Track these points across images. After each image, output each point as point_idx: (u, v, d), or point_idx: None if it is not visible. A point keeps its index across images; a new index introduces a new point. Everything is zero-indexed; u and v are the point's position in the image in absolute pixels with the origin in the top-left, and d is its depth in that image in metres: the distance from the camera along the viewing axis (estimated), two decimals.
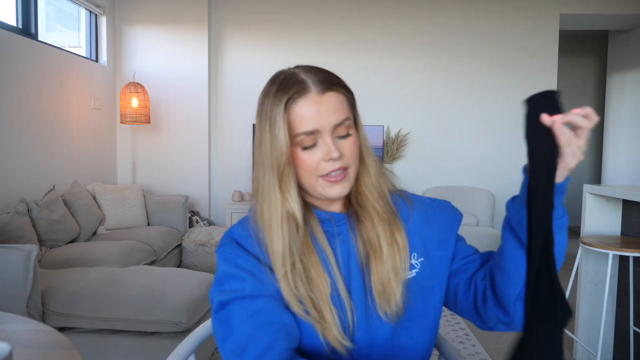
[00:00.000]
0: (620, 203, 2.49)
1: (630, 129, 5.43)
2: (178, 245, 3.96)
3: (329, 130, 0.76)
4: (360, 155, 0.83)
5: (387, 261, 0.81)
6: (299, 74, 0.79)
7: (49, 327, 1.04)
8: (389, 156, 4.64)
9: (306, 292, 0.77)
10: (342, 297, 0.80)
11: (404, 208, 0.88)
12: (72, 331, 2.20)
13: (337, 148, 0.76)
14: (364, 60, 4.69)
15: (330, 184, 0.78)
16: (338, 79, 0.81)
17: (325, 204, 0.85)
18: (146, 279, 2.35)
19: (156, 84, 4.55)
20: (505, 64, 4.68)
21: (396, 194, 0.89)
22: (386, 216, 0.83)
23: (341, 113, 0.77)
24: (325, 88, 0.77)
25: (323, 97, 0.76)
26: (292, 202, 0.78)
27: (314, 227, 0.82)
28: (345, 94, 0.80)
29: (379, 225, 0.81)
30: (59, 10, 4.36)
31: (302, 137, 0.76)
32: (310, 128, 0.76)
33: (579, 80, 6.60)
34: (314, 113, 0.75)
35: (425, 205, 0.90)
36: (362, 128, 0.85)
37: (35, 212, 2.99)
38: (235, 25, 4.70)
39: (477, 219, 4.48)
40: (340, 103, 0.78)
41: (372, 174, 0.84)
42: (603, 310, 2.11)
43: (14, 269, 2.01)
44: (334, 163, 0.77)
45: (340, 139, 0.78)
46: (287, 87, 0.77)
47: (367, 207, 0.83)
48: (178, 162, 4.65)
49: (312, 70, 0.80)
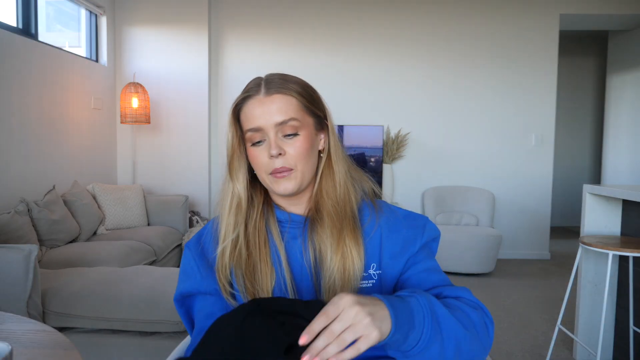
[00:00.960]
0: (620, 203, 2.49)
1: (630, 129, 5.43)
2: (178, 245, 3.96)
3: (272, 127, 0.84)
4: (328, 160, 0.89)
5: (332, 267, 0.83)
6: (260, 79, 0.88)
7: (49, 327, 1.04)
8: (389, 156, 4.64)
9: (248, 280, 0.84)
10: (287, 291, 0.84)
11: (372, 218, 0.89)
12: (72, 331, 2.20)
13: (277, 145, 0.84)
14: (364, 60, 4.69)
15: (277, 180, 0.85)
16: (296, 84, 0.87)
17: (287, 204, 0.90)
18: (146, 279, 2.35)
19: (156, 84, 4.55)
20: (505, 64, 4.68)
21: (369, 203, 0.91)
22: (339, 222, 0.85)
23: (285, 113, 0.84)
24: (273, 91, 0.85)
25: (268, 98, 0.84)
26: (239, 186, 0.88)
27: (272, 225, 0.89)
28: (296, 98, 0.86)
29: (328, 231, 0.85)
30: (59, 10, 4.36)
31: (250, 134, 0.85)
32: (255, 125, 0.84)
33: (579, 80, 6.60)
34: (259, 112, 0.84)
35: (394, 217, 0.91)
36: (333, 136, 0.90)
37: (36, 212, 2.99)
38: (235, 25, 4.70)
39: (477, 219, 4.48)
40: (286, 105, 0.84)
41: (337, 180, 0.88)
42: (603, 310, 2.11)
43: (14, 269, 2.01)
44: (276, 161, 0.84)
45: (287, 138, 0.85)
46: (244, 90, 0.88)
47: (322, 212, 0.87)
48: (178, 162, 4.65)
49: (272, 77, 0.88)
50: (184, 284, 0.90)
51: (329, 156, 0.90)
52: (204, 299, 0.88)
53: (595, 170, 6.65)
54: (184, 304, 0.90)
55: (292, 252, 0.87)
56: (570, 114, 6.59)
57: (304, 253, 0.86)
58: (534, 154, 4.69)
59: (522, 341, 2.79)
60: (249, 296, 0.84)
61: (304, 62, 4.66)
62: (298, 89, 0.87)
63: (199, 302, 0.88)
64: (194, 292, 0.89)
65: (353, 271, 0.83)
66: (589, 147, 6.70)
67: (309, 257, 0.86)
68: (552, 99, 4.66)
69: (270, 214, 0.90)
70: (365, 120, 4.69)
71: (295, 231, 0.89)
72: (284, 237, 0.88)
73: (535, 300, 3.51)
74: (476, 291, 3.72)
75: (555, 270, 4.35)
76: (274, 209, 0.91)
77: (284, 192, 0.85)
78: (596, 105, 6.63)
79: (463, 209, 4.55)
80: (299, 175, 0.85)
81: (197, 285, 0.88)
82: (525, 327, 2.99)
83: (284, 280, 0.85)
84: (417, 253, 0.88)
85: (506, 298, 3.57)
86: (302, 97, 0.87)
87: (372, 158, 4.57)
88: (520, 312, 3.26)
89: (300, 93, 0.86)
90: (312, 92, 0.90)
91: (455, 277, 4.08)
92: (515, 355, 2.59)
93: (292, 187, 0.85)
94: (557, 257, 4.82)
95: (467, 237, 4.04)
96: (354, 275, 0.83)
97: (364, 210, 0.91)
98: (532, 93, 4.67)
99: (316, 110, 0.89)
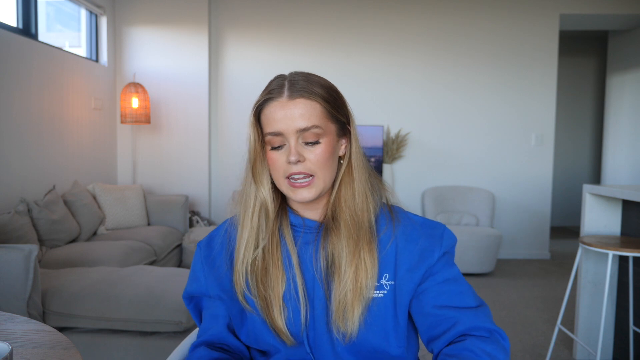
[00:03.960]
0: (620, 203, 2.49)
1: (630, 129, 5.43)
2: (178, 245, 3.96)
3: (293, 133, 0.81)
4: (349, 167, 0.86)
5: (345, 279, 0.82)
6: (283, 79, 0.84)
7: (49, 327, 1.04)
8: (389, 156, 4.64)
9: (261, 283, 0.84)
10: (299, 297, 0.84)
11: (389, 228, 0.87)
12: (72, 331, 2.20)
13: (297, 152, 0.81)
14: (364, 60, 4.69)
15: (294, 188, 0.82)
16: (321, 88, 0.83)
17: (302, 209, 0.88)
18: (146, 279, 2.35)
19: (156, 84, 4.56)
20: (505, 64, 4.68)
21: (386, 211, 0.89)
22: (356, 234, 0.83)
23: (308, 120, 0.81)
24: (296, 94, 0.81)
25: (291, 102, 0.81)
26: (264, 192, 0.85)
27: (285, 229, 0.87)
28: (321, 104, 0.82)
29: (344, 241, 0.83)
30: (59, 10, 4.36)
31: (270, 138, 0.82)
32: (276, 129, 0.81)
33: (579, 80, 6.60)
34: (280, 116, 0.81)
35: (411, 227, 0.88)
36: (356, 142, 0.87)
37: (36, 212, 2.99)
38: (235, 25, 4.70)
39: (477, 219, 4.48)
40: (309, 110, 0.81)
41: (356, 189, 0.86)
42: (603, 310, 2.11)
43: (14, 269, 2.02)
44: (294, 166, 0.81)
45: (308, 146, 0.82)
46: (266, 90, 0.84)
47: (339, 220, 0.85)
48: (178, 162, 4.65)
49: (296, 77, 0.84)
50: (191, 285, 0.93)
51: (350, 163, 0.87)
52: (209, 301, 0.92)
53: (595, 170, 6.65)
54: (192, 301, 0.95)
55: (304, 258, 0.86)
56: (570, 114, 6.59)
57: (316, 260, 0.85)
58: (534, 153, 4.69)
59: (522, 341, 2.79)
60: (260, 300, 0.84)
61: (304, 62, 4.66)
62: (323, 94, 0.83)
63: (206, 302, 0.93)
64: (199, 294, 0.93)
65: (365, 283, 0.82)
66: (589, 147, 6.70)
67: (321, 264, 0.85)
68: (552, 99, 4.66)
69: (284, 218, 0.88)
70: (365, 120, 4.69)
71: (308, 236, 0.87)
72: (297, 242, 0.87)
73: (535, 300, 3.51)
74: (476, 291, 3.72)
75: (555, 270, 4.35)
76: (287, 213, 0.89)
77: (302, 200, 0.83)
78: (596, 105, 6.63)
79: (463, 209, 4.55)
80: (319, 183, 0.83)
81: (201, 288, 0.92)
82: (525, 327, 2.99)
83: (295, 285, 0.84)
84: (435, 264, 0.86)
85: (506, 298, 3.57)
86: (327, 102, 0.83)
87: (372, 158, 4.57)
88: (520, 312, 3.26)
89: (325, 98, 0.83)
90: (337, 96, 0.86)
91: None
92: (515, 355, 2.60)
93: (310, 196, 0.83)
94: (557, 257, 4.82)
95: (467, 237, 4.04)
96: (366, 287, 0.82)
97: (381, 219, 0.88)
98: (532, 93, 4.67)
99: (340, 117, 0.86)
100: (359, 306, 0.81)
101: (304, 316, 0.84)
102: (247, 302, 0.86)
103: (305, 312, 0.84)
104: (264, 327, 0.85)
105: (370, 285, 0.83)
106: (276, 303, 0.83)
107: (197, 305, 0.95)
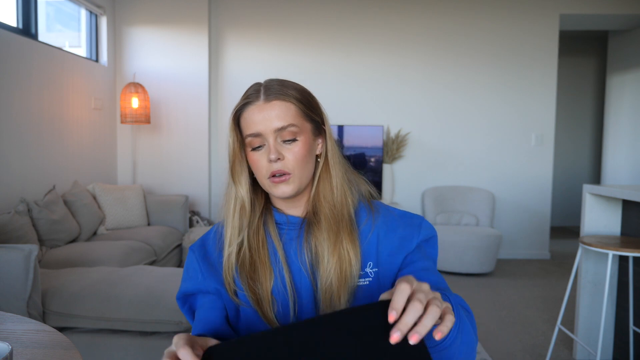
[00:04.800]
0: (620, 203, 2.49)
1: (630, 129, 5.43)
2: (178, 245, 3.96)
3: (271, 133, 0.87)
4: (325, 164, 0.93)
5: (329, 268, 0.87)
6: (259, 85, 0.91)
7: (49, 327, 1.04)
8: (389, 156, 4.64)
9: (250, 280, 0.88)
10: (287, 290, 0.88)
11: (369, 219, 0.93)
12: (72, 331, 2.20)
13: (276, 150, 0.86)
14: (364, 60, 4.69)
15: (275, 184, 0.88)
16: (295, 90, 0.90)
17: (286, 207, 0.94)
18: (146, 279, 2.35)
19: (156, 84, 4.56)
20: (505, 64, 4.68)
21: (366, 204, 0.95)
22: (336, 226, 0.89)
23: (284, 119, 0.87)
24: (272, 97, 0.87)
25: (268, 104, 0.87)
26: (242, 191, 0.91)
27: (270, 227, 0.93)
28: (295, 104, 0.89)
29: (325, 234, 0.88)
30: (59, 10, 4.36)
31: (250, 139, 0.88)
32: (255, 131, 0.87)
33: (579, 81, 6.60)
34: (258, 119, 0.87)
35: (390, 217, 0.94)
36: (330, 140, 0.94)
37: (36, 212, 2.99)
38: (235, 25, 4.70)
39: (477, 219, 4.48)
40: (285, 111, 0.87)
41: (334, 184, 0.92)
42: (603, 310, 2.11)
43: (14, 269, 2.02)
44: (275, 164, 0.87)
45: (285, 143, 0.87)
46: (244, 96, 0.90)
47: (319, 215, 0.90)
48: (178, 162, 4.65)
49: (271, 82, 0.91)
50: (187, 283, 0.95)
51: (326, 161, 0.93)
52: (204, 296, 0.94)
53: (595, 170, 6.65)
54: (187, 302, 0.96)
55: (290, 253, 0.91)
56: (570, 114, 6.59)
57: (300, 253, 0.90)
58: (534, 153, 4.69)
59: (522, 341, 2.79)
60: (251, 294, 0.88)
61: (304, 62, 4.66)
62: (297, 95, 0.89)
63: (200, 300, 0.95)
64: (195, 291, 0.94)
65: (350, 272, 0.87)
66: (589, 147, 6.70)
67: (305, 258, 0.90)
68: (552, 99, 4.66)
69: (269, 217, 0.94)
70: (365, 120, 4.69)
71: (292, 232, 0.92)
72: (282, 238, 0.92)
73: (535, 300, 3.51)
74: (476, 291, 3.72)
75: (555, 270, 4.35)
76: (272, 212, 0.94)
77: (282, 195, 0.88)
78: (596, 105, 6.63)
79: (463, 209, 4.55)
80: (296, 180, 0.88)
81: (199, 285, 0.93)
82: (525, 327, 2.99)
83: (283, 280, 0.88)
84: (414, 251, 0.91)
85: (506, 298, 3.57)
86: (301, 103, 0.89)
87: (372, 158, 4.57)
88: (520, 312, 3.26)
89: (298, 99, 0.89)
90: (310, 98, 0.92)
91: (455, 277, 4.08)
92: (515, 355, 2.60)
93: (289, 191, 0.88)
94: (557, 257, 4.82)
95: (467, 237, 4.04)
96: (351, 275, 0.87)
97: (361, 212, 0.94)
98: (532, 93, 4.68)
99: (314, 116, 0.91)
100: (344, 294, 0.86)
101: (292, 308, 0.88)
102: (238, 297, 0.90)
103: (294, 304, 0.88)
104: (257, 319, 0.89)
105: (354, 274, 0.87)
106: (265, 298, 0.88)
107: (191, 305, 0.97)
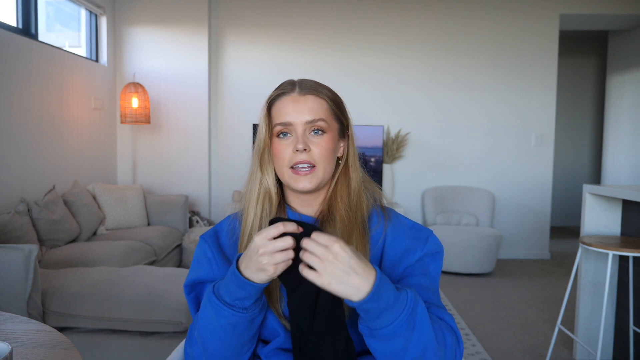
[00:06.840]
0: (620, 203, 2.49)
1: (630, 129, 5.43)
2: (178, 245, 3.96)
3: (302, 125, 0.89)
4: (345, 167, 0.94)
5: None
6: (294, 80, 0.93)
7: (49, 327, 1.04)
8: (389, 156, 4.64)
9: None
10: None
11: (381, 225, 0.93)
12: (72, 331, 2.20)
13: (304, 141, 0.88)
14: (364, 60, 4.69)
15: (296, 177, 0.89)
16: (328, 90, 0.94)
17: (300, 205, 0.95)
18: (146, 279, 2.35)
19: (156, 84, 4.55)
20: (505, 64, 4.68)
21: (379, 210, 0.96)
22: (350, 227, 0.89)
23: (316, 113, 0.89)
24: (306, 91, 0.90)
25: (302, 97, 0.90)
26: (269, 179, 0.92)
27: None
28: (327, 102, 0.92)
29: (338, 233, 0.89)
30: (59, 10, 4.36)
31: (279, 127, 0.90)
32: (286, 120, 0.89)
33: (579, 81, 6.60)
34: (290, 109, 0.89)
35: (400, 227, 0.94)
36: (353, 146, 0.96)
37: (36, 212, 2.99)
38: (235, 25, 4.70)
39: (477, 219, 4.48)
40: (317, 106, 0.90)
41: (351, 186, 0.93)
42: (603, 310, 2.11)
43: (14, 269, 2.02)
44: (300, 155, 0.87)
45: (313, 136, 0.89)
46: (278, 88, 0.93)
47: (334, 214, 0.91)
48: (178, 162, 4.65)
49: (306, 80, 0.93)
50: (198, 271, 0.94)
51: (347, 164, 0.95)
52: None
53: (595, 170, 6.65)
54: (194, 290, 0.95)
55: None
56: (570, 114, 6.59)
57: None
58: (534, 153, 4.69)
59: (522, 341, 2.79)
60: None
61: (304, 62, 4.66)
62: (329, 95, 0.93)
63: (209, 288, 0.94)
64: (206, 279, 0.93)
65: None
66: (589, 147, 6.71)
67: None
68: (552, 99, 4.66)
69: (282, 215, 0.95)
70: (365, 120, 4.68)
71: None
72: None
73: (535, 300, 3.51)
74: (476, 291, 3.72)
75: (555, 270, 4.35)
76: (285, 210, 0.95)
77: (302, 189, 0.89)
78: (596, 105, 6.63)
79: (463, 209, 4.55)
80: (319, 174, 0.89)
81: (211, 273, 0.93)
82: (525, 327, 2.99)
83: None
84: (414, 265, 0.91)
85: (506, 298, 3.57)
86: (333, 102, 0.93)
87: (372, 158, 4.57)
88: (520, 312, 3.26)
89: (331, 98, 0.93)
90: (340, 101, 0.96)
91: (455, 277, 4.08)
92: (515, 355, 2.60)
93: (310, 186, 0.89)
94: (557, 257, 4.82)
95: (467, 237, 4.05)
96: None
97: (373, 217, 0.95)
98: (532, 93, 4.67)
99: (342, 118, 0.95)
100: None
101: None
102: None
103: None
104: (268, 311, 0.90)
105: None
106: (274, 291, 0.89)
107: (198, 294, 0.95)
